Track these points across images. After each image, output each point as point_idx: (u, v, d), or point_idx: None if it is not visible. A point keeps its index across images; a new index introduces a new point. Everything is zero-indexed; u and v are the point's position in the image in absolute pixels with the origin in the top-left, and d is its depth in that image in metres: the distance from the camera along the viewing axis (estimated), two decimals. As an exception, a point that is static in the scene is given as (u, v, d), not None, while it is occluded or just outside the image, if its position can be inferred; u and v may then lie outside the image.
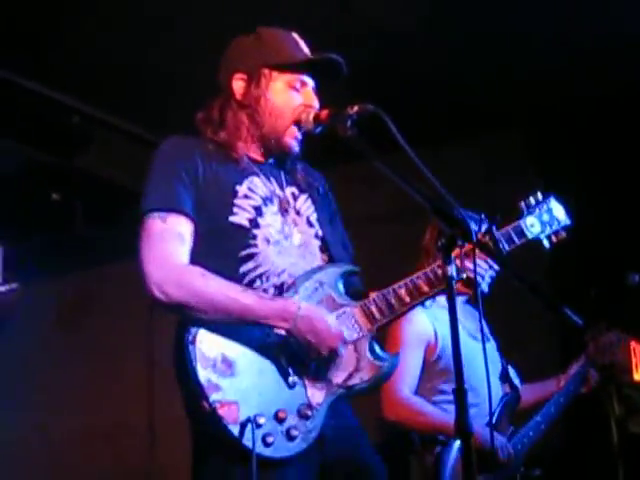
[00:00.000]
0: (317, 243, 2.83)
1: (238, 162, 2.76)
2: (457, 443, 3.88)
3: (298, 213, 2.83)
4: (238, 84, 2.80)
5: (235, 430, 2.43)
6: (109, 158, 5.67)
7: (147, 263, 2.58)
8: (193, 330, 2.50)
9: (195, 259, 2.63)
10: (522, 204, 3.01)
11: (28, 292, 6.79)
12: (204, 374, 2.45)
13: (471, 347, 4.15)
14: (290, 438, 2.50)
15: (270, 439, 2.46)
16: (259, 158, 2.83)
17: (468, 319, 4.21)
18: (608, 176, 5.29)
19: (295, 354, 2.58)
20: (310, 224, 2.85)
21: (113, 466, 6.14)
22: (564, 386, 4.15)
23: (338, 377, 2.64)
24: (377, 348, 2.72)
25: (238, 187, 2.72)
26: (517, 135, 5.55)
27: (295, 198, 2.85)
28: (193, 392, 2.46)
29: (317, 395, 2.59)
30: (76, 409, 6.40)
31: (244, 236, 2.67)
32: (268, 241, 2.70)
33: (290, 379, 2.56)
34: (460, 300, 4.13)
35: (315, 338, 2.56)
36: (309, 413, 2.55)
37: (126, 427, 6.15)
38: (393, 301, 2.71)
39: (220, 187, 2.70)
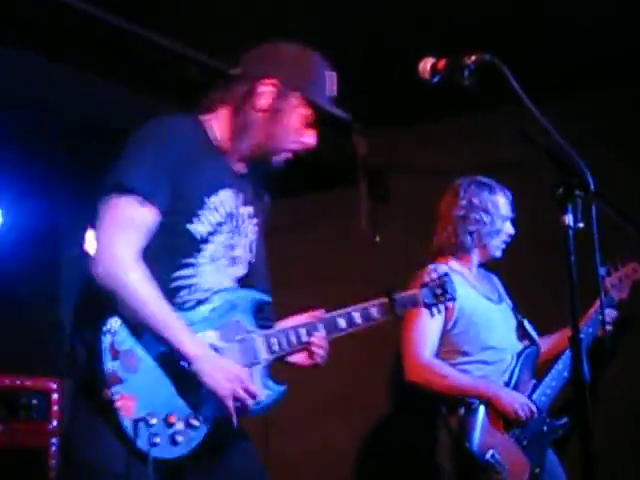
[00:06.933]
0: (245, 269, 2.98)
1: (220, 161, 2.89)
2: (482, 407, 4.04)
3: (246, 236, 2.98)
4: (267, 89, 2.90)
5: (128, 424, 2.59)
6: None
7: (111, 243, 2.65)
8: (112, 320, 2.63)
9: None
10: None
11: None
12: (111, 365, 2.60)
13: (487, 308, 4.26)
14: (174, 443, 2.67)
15: (156, 439, 2.63)
16: (239, 167, 2.96)
17: (482, 282, 4.33)
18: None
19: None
20: (250, 250, 3.01)
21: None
22: (583, 328, 4.05)
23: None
24: (268, 379, 2.92)
25: (207, 199, 2.82)
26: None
27: (250, 218, 3.00)
28: (95, 378, 2.60)
29: (205, 409, 2.75)
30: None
31: (193, 247, 2.81)
32: (212, 259, 2.85)
33: (186, 388, 2.72)
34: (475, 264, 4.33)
35: (223, 382, 2.69)
36: (196, 423, 2.72)
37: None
38: (292, 338, 2.96)
39: (193, 190, 2.81)
